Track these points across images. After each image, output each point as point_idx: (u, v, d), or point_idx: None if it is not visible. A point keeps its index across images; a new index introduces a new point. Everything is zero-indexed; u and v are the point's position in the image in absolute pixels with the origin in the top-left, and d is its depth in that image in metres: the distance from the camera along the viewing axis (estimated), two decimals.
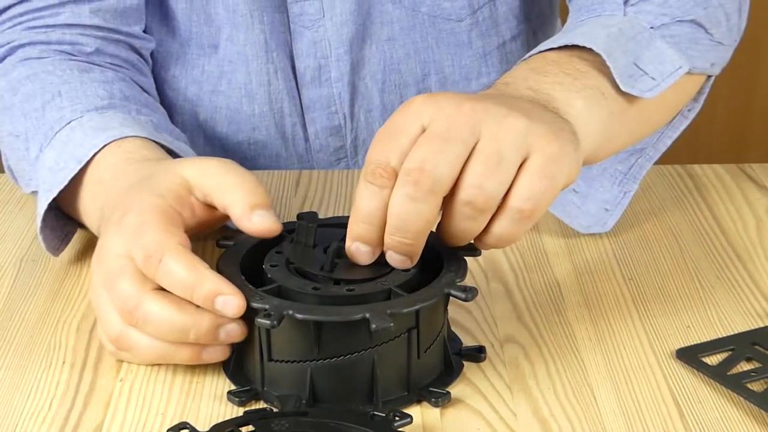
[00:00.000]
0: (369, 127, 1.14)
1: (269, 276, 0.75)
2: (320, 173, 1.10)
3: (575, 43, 0.85)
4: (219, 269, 0.75)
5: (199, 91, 1.13)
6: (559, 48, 0.86)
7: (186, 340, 0.74)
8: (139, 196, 0.77)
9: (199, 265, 0.73)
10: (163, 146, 0.89)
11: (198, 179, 0.78)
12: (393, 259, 0.73)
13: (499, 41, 1.15)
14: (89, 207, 0.86)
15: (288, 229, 0.80)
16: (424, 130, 0.72)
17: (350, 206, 1.02)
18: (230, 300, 0.72)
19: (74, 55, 0.99)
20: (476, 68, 1.15)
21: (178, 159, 0.85)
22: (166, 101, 1.14)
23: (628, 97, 0.85)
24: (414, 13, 1.11)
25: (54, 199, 0.87)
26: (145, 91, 1.03)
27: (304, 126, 1.14)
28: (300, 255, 0.76)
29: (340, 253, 0.74)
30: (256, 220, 0.76)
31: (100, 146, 0.86)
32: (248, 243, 0.78)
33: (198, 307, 0.73)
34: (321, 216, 0.88)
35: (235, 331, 0.74)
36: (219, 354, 0.76)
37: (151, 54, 1.11)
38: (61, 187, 0.86)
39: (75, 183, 0.87)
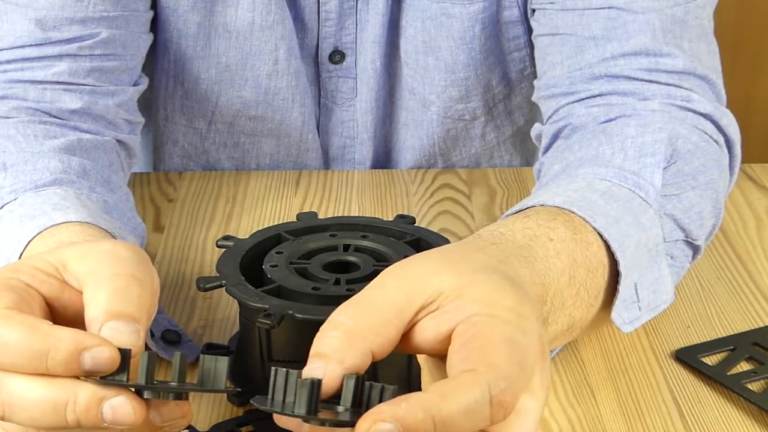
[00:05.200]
0: None
1: (269, 276, 0.75)
2: (320, 173, 1.10)
3: (608, 241, 0.72)
4: (219, 270, 0.75)
5: (210, 158, 1.12)
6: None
7: (64, 423, 0.57)
8: None
9: (41, 324, 0.58)
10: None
11: (73, 262, 0.63)
12: None
13: (513, 129, 1.13)
14: None
15: (286, 230, 0.80)
16: None
17: (351, 207, 1.02)
18: (99, 352, 0.57)
19: (50, 115, 0.90)
20: (487, 155, 1.14)
21: (86, 241, 0.71)
22: (176, 166, 1.13)
23: (605, 315, 0.74)
24: (424, 109, 1.09)
25: None
26: (128, 148, 0.96)
27: None
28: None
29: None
30: (106, 333, 0.59)
31: (26, 243, 0.73)
32: (248, 243, 0.78)
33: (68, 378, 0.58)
34: (321, 216, 0.88)
35: (123, 408, 0.57)
36: None
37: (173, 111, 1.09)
38: None
39: None
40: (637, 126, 0.83)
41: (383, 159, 1.14)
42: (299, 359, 0.72)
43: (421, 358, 0.61)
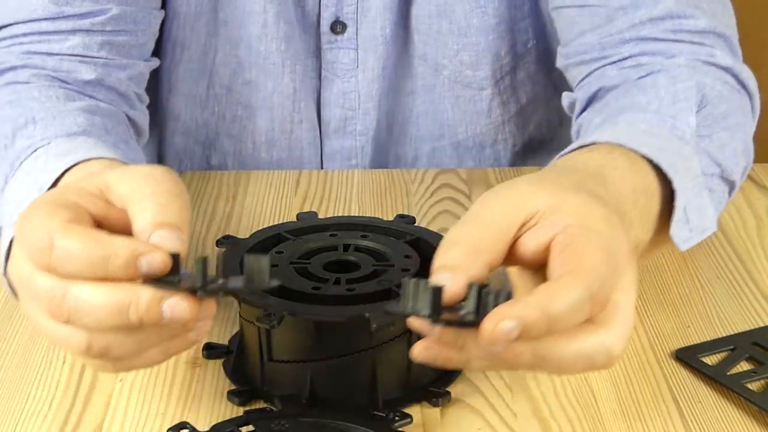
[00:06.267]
0: None
1: None
2: (320, 173, 1.10)
3: (659, 165, 0.77)
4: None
5: (210, 134, 1.13)
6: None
7: (127, 323, 0.62)
8: (41, 197, 0.69)
9: (100, 234, 0.63)
10: None
11: (115, 183, 0.68)
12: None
13: (517, 107, 1.15)
14: None
15: (286, 229, 0.80)
16: None
17: (351, 207, 1.02)
18: (156, 257, 0.62)
19: (67, 83, 0.94)
20: (492, 136, 1.15)
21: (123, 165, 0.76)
22: (176, 149, 1.14)
23: (657, 239, 0.79)
24: (436, 73, 1.11)
25: None
26: (136, 126, 0.98)
27: None
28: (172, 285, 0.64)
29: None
30: (154, 241, 0.64)
31: (62, 170, 0.77)
32: (248, 243, 0.78)
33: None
34: (321, 216, 0.88)
35: (180, 306, 0.62)
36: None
37: (161, 96, 1.11)
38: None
39: None
40: (667, 77, 0.89)
41: (385, 131, 1.14)
42: (299, 359, 0.73)
43: (514, 273, 0.68)
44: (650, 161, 0.77)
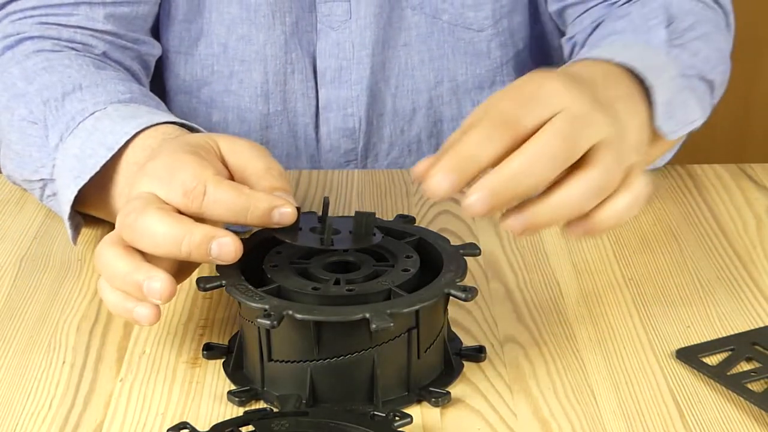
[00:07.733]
0: (379, 132, 1.16)
1: (269, 276, 0.75)
2: (320, 173, 1.10)
3: (638, 69, 0.86)
4: (219, 270, 0.75)
5: (212, 93, 1.14)
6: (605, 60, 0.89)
7: (179, 254, 0.72)
8: (167, 148, 0.77)
9: (242, 188, 0.74)
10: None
11: (227, 153, 0.78)
12: (473, 206, 0.73)
13: (515, 50, 1.17)
14: (126, 189, 0.84)
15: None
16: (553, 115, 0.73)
17: (351, 207, 1.02)
18: (287, 210, 0.73)
19: (86, 54, 0.99)
20: (491, 77, 1.17)
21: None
22: (180, 107, 1.16)
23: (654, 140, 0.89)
24: (434, 20, 1.13)
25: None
26: None
27: (316, 126, 1.16)
28: (292, 237, 0.75)
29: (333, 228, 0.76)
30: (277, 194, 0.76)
31: (132, 133, 0.85)
32: (248, 243, 0.78)
33: (191, 220, 0.73)
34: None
35: (227, 247, 0.72)
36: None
37: (163, 61, 1.14)
38: (93, 173, 0.85)
39: (107, 170, 0.86)
40: (639, 4, 1.02)
41: (381, 83, 1.15)
42: (299, 359, 0.73)
43: None
44: (625, 68, 0.86)
